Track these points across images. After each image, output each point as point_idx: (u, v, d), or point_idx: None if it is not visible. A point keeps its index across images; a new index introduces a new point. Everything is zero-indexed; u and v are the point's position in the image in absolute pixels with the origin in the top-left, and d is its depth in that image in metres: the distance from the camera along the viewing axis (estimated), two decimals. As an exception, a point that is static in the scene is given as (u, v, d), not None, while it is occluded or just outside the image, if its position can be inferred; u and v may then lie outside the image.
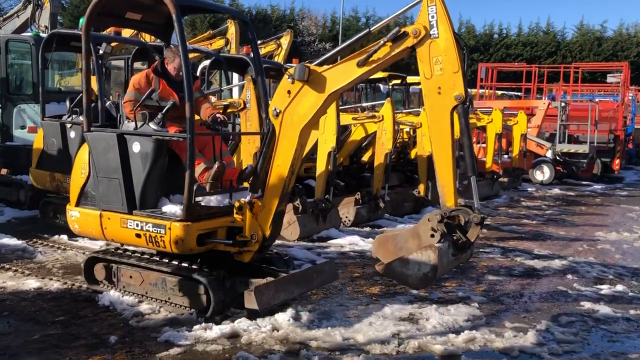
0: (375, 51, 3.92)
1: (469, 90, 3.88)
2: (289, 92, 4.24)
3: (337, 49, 4.29)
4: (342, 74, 4.10)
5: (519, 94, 25.18)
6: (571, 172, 17.10)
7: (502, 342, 4.40)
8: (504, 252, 7.68)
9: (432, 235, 3.81)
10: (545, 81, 23.72)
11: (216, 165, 4.79)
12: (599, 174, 17.63)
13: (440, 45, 3.81)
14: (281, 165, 4.39)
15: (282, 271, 4.87)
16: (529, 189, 15.03)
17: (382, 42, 3.89)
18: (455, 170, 3.87)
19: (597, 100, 19.10)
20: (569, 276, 6.52)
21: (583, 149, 16.61)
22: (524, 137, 14.31)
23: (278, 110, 4.29)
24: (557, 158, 16.69)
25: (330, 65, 4.15)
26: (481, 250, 7.67)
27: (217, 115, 5.38)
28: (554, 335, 4.61)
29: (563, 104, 17.19)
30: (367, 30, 4.10)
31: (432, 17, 3.81)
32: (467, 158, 3.84)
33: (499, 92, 24.75)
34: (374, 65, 4.00)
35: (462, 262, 4.87)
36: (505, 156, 14.80)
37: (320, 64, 4.17)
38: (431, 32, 3.82)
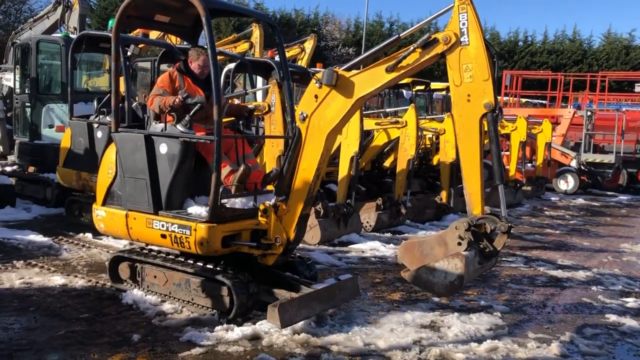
0: (404, 57, 3.90)
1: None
2: (316, 96, 4.23)
3: (366, 54, 4.26)
4: (370, 79, 4.09)
5: (543, 102, 24.92)
6: (596, 182, 16.86)
7: (524, 353, 4.35)
8: (527, 261, 7.59)
9: (459, 244, 3.77)
10: (570, 89, 23.45)
11: (242, 168, 4.82)
12: (625, 184, 17.35)
13: (471, 52, 3.78)
14: (307, 169, 4.39)
15: (304, 282, 4.82)
16: (552, 199, 14.85)
17: (411, 48, 3.87)
18: (482, 178, 3.83)
19: (624, 109, 18.79)
20: (594, 288, 6.42)
21: (609, 158, 16.36)
22: (548, 145, 14.15)
23: (305, 115, 4.29)
24: (582, 167, 16.47)
25: (359, 71, 4.14)
26: (504, 259, 7.59)
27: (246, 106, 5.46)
28: (579, 348, 4.55)
29: (589, 113, 16.97)
30: (397, 36, 4.08)
31: (463, 24, 3.77)
32: (495, 166, 3.79)
33: (524, 100, 24.53)
34: (402, 72, 3.98)
35: (487, 270, 4.82)
36: (529, 164, 14.66)
37: (348, 69, 4.17)
38: (462, 39, 3.79)
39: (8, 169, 10.33)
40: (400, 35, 4.06)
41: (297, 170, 4.41)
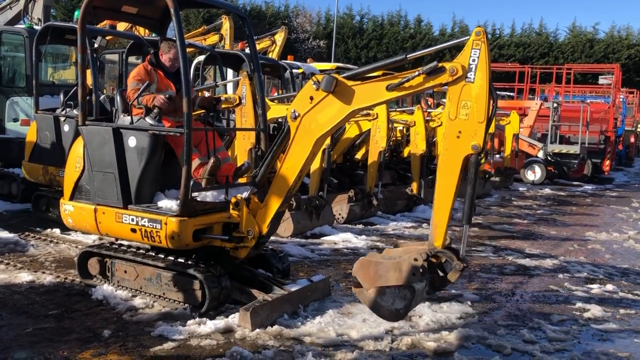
0: (408, 80, 3.83)
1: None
2: (311, 98, 4.16)
3: (370, 66, 4.14)
4: (369, 94, 4.01)
5: (511, 94, 25.31)
6: (562, 173, 17.24)
7: (495, 340, 4.44)
8: (495, 250, 7.73)
9: (414, 274, 3.78)
10: (537, 82, 23.87)
11: (212, 161, 4.79)
12: (590, 174, 17.77)
13: (474, 91, 3.72)
14: (290, 169, 4.37)
15: (277, 282, 4.84)
16: (520, 189, 15.13)
17: (417, 72, 3.79)
18: (451, 213, 3.85)
19: (588, 101, 19.26)
20: (560, 275, 6.58)
21: (574, 149, 16.75)
22: (516, 137, 14.39)
23: (297, 114, 4.23)
24: (549, 158, 16.82)
25: (360, 82, 4.04)
26: (473, 249, 7.72)
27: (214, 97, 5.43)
28: (546, 334, 4.66)
29: (555, 105, 17.32)
30: (404, 56, 3.98)
31: (474, 60, 3.71)
32: (465, 207, 3.80)
33: (492, 92, 24.81)
34: (403, 92, 3.92)
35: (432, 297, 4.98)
36: (497, 156, 14.87)
37: (349, 78, 4.07)
38: (468, 75, 3.72)
39: (-29, 164, 10.05)
40: (408, 56, 3.97)
41: (280, 168, 4.38)
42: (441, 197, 3.85)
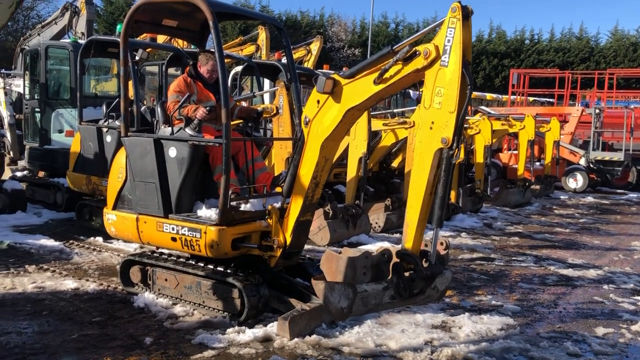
0: (386, 70, 3.61)
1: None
2: (318, 101, 4.13)
3: (362, 63, 3.94)
4: (359, 90, 3.87)
5: (551, 100, 24.83)
6: (605, 180, 16.77)
7: (537, 352, 4.33)
8: (537, 260, 7.56)
9: (364, 273, 3.53)
10: (578, 87, 23.38)
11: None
12: (635, 182, 17.24)
13: (447, 75, 3.39)
14: (305, 175, 4.33)
15: (313, 292, 4.78)
16: (561, 197, 14.78)
17: (392, 60, 3.57)
18: (425, 213, 3.54)
19: (632, 106, 18.68)
20: (605, 286, 6.38)
21: (618, 156, 16.26)
22: (556, 144, 14.09)
23: (308, 119, 4.21)
24: (591, 165, 16.39)
25: (350, 80, 3.93)
26: (514, 258, 7.58)
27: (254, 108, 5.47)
28: (591, 347, 4.52)
29: (597, 111, 16.89)
30: (389, 48, 3.69)
31: (449, 40, 3.37)
32: (435, 209, 3.46)
33: (531, 99, 24.43)
34: (389, 83, 3.70)
35: (416, 304, 4.54)
36: (538, 163, 14.61)
37: (347, 77, 3.95)
38: (442, 58, 3.40)
39: (19, 174, 10.41)
40: (394, 48, 3.68)
41: (297, 175, 4.37)
42: (413, 194, 3.56)
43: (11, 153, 10.65)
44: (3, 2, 1.53)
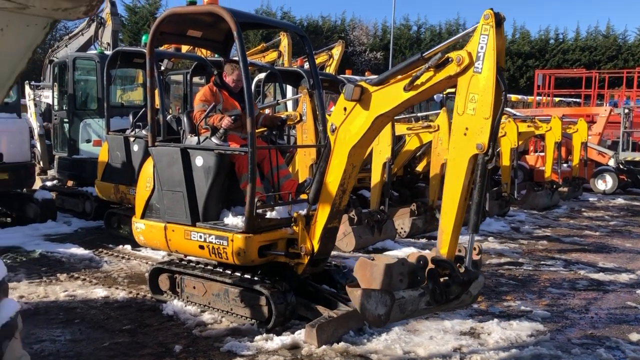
0: (417, 76, 3.64)
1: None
2: (345, 109, 4.14)
3: (392, 70, 3.94)
4: (388, 97, 3.88)
5: (578, 100, 24.44)
6: (636, 181, 16.41)
7: (569, 359, 4.26)
8: (566, 264, 7.44)
9: (401, 280, 3.49)
10: (606, 87, 23.03)
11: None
12: (666, 183, 16.84)
13: (481, 82, 3.41)
14: (332, 183, 4.35)
15: (342, 299, 4.79)
16: (590, 199, 14.52)
17: (424, 67, 3.59)
18: (460, 219, 3.54)
19: (663, 105, 18.30)
20: (638, 291, 6.24)
21: (648, 156, 15.92)
22: (584, 145, 13.85)
23: (334, 127, 4.23)
24: (621, 166, 16.06)
25: (380, 87, 3.94)
26: (542, 262, 7.46)
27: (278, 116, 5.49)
28: (625, 354, 4.43)
29: (627, 110, 16.56)
30: (420, 55, 3.70)
31: (482, 47, 3.40)
32: (472, 215, 3.47)
33: (557, 99, 24.07)
34: (420, 90, 3.71)
35: (449, 310, 4.57)
36: (565, 165, 14.38)
37: (376, 83, 3.97)
38: (475, 64, 3.42)
39: (48, 183, 10.64)
40: (424, 54, 3.69)
41: (324, 182, 4.38)
42: (447, 200, 3.58)
43: (41, 163, 10.90)
44: (38, 24, 1.56)
